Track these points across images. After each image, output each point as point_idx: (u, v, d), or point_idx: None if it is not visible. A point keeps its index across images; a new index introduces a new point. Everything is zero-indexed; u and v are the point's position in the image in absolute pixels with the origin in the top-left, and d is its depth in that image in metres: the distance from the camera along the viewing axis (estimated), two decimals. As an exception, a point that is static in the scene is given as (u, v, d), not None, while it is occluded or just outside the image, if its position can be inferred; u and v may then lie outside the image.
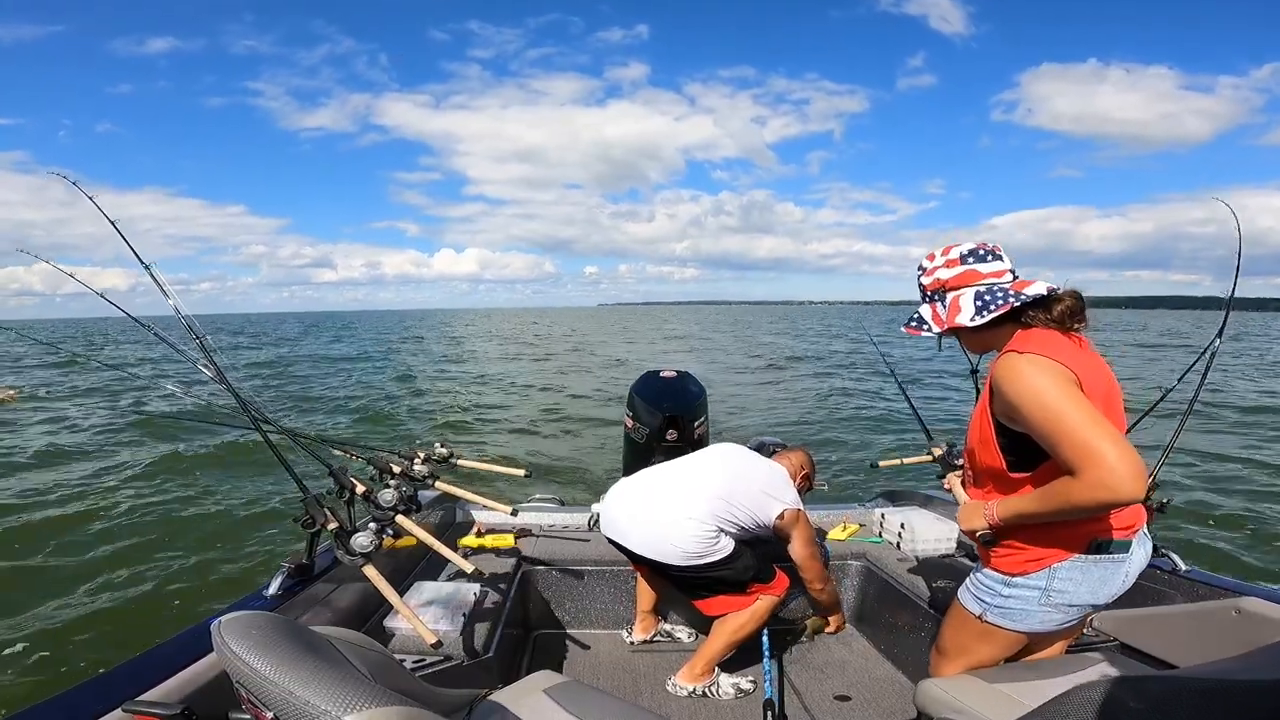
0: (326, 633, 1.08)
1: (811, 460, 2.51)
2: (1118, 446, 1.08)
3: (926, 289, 1.40)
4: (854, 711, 2.10)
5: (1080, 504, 1.14)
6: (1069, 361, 1.20)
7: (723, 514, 2.06)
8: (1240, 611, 1.56)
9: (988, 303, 1.28)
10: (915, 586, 2.34)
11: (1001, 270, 1.32)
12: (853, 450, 8.48)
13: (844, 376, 16.11)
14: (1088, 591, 1.30)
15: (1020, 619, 1.35)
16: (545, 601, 2.57)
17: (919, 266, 1.42)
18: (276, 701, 0.81)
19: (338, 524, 1.69)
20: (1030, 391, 1.17)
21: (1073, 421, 1.12)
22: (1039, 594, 1.31)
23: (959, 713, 1.28)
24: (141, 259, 1.85)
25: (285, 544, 4.88)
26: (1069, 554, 1.28)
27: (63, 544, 5.01)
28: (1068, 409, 1.13)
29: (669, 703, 2.11)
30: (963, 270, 1.33)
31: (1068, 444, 1.12)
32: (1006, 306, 1.26)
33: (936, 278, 1.37)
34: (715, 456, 2.29)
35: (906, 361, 17.47)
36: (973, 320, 1.29)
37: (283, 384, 16.17)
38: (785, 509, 2.15)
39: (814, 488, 2.52)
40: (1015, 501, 1.28)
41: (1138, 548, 1.33)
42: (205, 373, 1.95)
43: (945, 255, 1.36)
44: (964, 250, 1.34)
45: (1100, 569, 1.29)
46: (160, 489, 6.56)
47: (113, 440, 8.59)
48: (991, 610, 1.37)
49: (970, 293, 1.31)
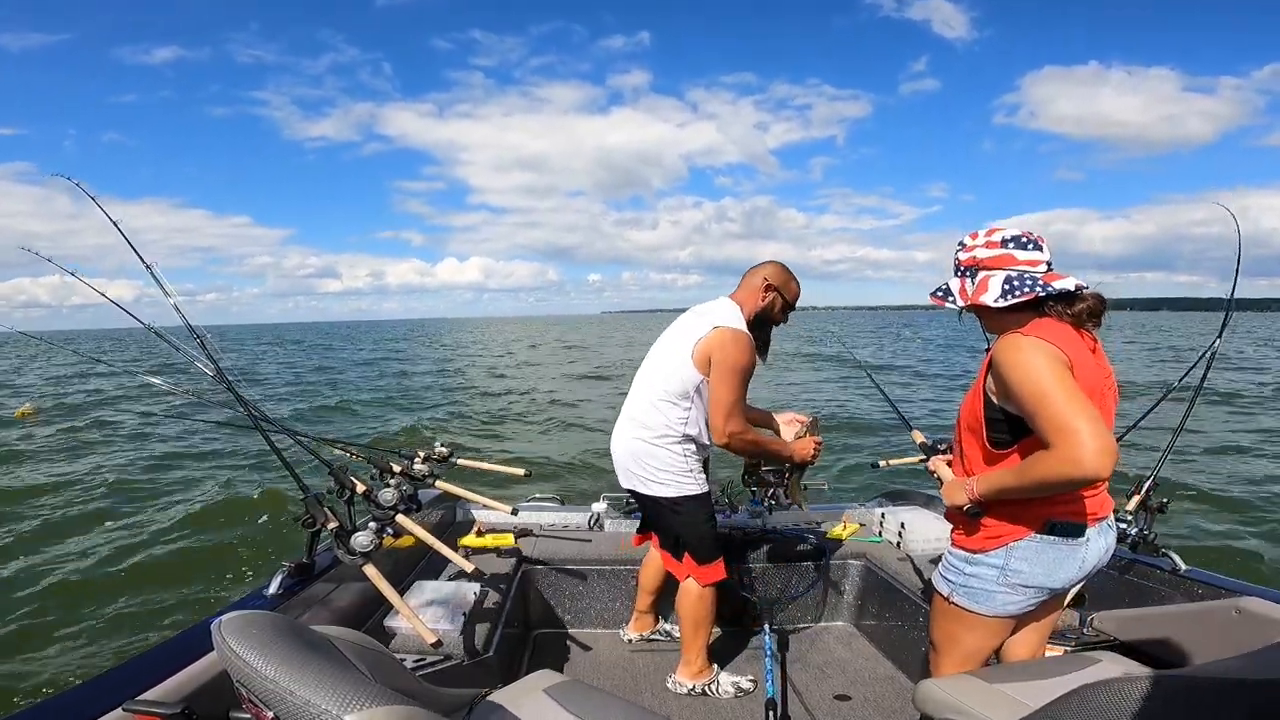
0: (326, 632, 1.08)
1: (784, 271, 2.08)
2: (1092, 424, 1.12)
3: (961, 264, 1.44)
4: (854, 711, 2.10)
5: (1050, 478, 1.19)
6: (1068, 350, 1.25)
7: (659, 388, 2.00)
8: (1240, 611, 1.56)
9: (1015, 287, 1.32)
10: (915, 586, 2.34)
11: (1037, 260, 1.36)
12: (853, 450, 8.48)
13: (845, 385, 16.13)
14: (1042, 573, 1.34)
15: (983, 600, 1.39)
16: (545, 601, 2.57)
17: (959, 242, 1.46)
18: (277, 701, 0.81)
19: (338, 523, 1.69)
20: (1023, 367, 1.22)
21: (1055, 398, 1.17)
22: (997, 573, 1.36)
23: (959, 713, 1.28)
24: (143, 258, 1.85)
25: (285, 544, 4.88)
26: (1026, 532, 1.33)
27: (62, 544, 5.02)
28: (1053, 387, 1.18)
29: (669, 702, 2.11)
30: (1001, 253, 1.37)
31: (1046, 418, 1.17)
32: (1031, 295, 1.31)
33: (973, 255, 1.41)
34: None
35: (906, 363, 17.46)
36: (996, 301, 1.34)
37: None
38: (708, 328, 1.93)
39: (792, 305, 2.11)
40: (994, 476, 1.33)
41: (1098, 537, 1.37)
42: (206, 373, 1.95)
43: (988, 236, 1.40)
44: (1007, 235, 1.38)
45: (1055, 550, 1.34)
46: (160, 488, 6.57)
47: (113, 440, 8.59)
48: (958, 590, 1.43)
49: (1001, 275, 1.36)
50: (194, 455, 7.79)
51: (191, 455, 7.80)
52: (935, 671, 1.52)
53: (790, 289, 2.06)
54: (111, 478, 6.88)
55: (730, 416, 1.92)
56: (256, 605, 1.56)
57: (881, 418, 10.26)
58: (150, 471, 7.15)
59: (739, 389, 1.92)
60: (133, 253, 1.84)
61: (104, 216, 1.81)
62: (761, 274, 2.04)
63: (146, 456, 7.73)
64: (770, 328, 2.10)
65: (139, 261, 1.84)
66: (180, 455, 7.77)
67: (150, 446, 8.25)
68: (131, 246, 1.84)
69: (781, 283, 2.03)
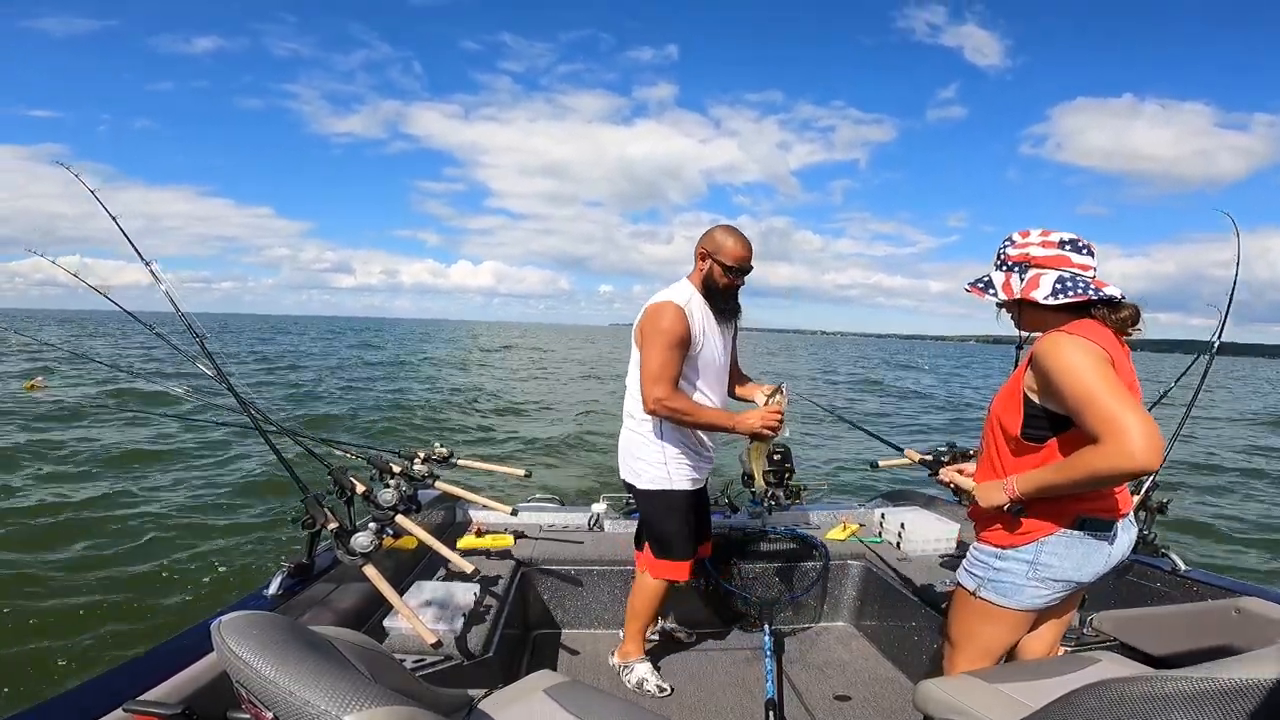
0: (326, 633, 1.08)
1: (716, 235, 1.98)
2: (1141, 418, 1.16)
3: (1010, 259, 1.45)
4: (854, 711, 2.10)
5: (1101, 472, 1.21)
6: (1110, 349, 1.29)
7: (632, 374, 2.03)
8: (1240, 611, 1.57)
9: (1067, 287, 1.36)
10: (915, 586, 2.34)
11: (1089, 265, 1.40)
12: (853, 451, 8.48)
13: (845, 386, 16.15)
14: (1072, 567, 1.37)
15: (1011, 594, 1.41)
16: (545, 601, 2.57)
17: (1007, 239, 1.47)
18: (276, 701, 0.81)
19: (338, 524, 1.69)
20: (1069, 364, 1.25)
21: (1103, 394, 1.20)
22: (1027, 567, 1.38)
23: (959, 713, 1.28)
24: (143, 256, 1.86)
25: (285, 544, 4.88)
26: (1056, 528, 1.36)
27: (62, 544, 5.01)
28: (1099, 384, 1.21)
29: (669, 702, 2.12)
30: (1057, 254, 1.40)
31: (1094, 412, 1.20)
32: (1083, 297, 1.35)
33: (1026, 252, 1.42)
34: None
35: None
36: (1047, 299, 1.37)
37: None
38: (648, 305, 1.98)
39: (736, 266, 1.97)
40: (1035, 474, 1.35)
41: (1122, 532, 1.41)
42: (206, 372, 1.95)
43: (1044, 235, 1.42)
44: (1064, 237, 1.41)
45: (1085, 545, 1.36)
46: (160, 488, 6.56)
47: (113, 440, 8.58)
48: (985, 585, 1.44)
49: (1054, 274, 1.38)
50: (194, 455, 7.78)
51: (191, 455, 7.79)
52: (950, 668, 1.53)
53: (726, 250, 1.96)
54: (111, 478, 6.87)
55: (655, 382, 1.90)
56: (256, 605, 1.56)
57: (882, 418, 10.27)
58: (150, 471, 7.14)
59: (661, 354, 1.90)
60: (141, 245, 1.85)
61: (103, 208, 1.81)
62: (699, 244, 2.03)
63: (146, 456, 7.72)
64: (724, 295, 2.02)
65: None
66: (180, 455, 7.77)
67: (150, 446, 8.24)
68: (132, 244, 1.84)
69: (714, 248, 1.98)
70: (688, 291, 2.00)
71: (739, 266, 1.98)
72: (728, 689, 2.20)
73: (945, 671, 1.54)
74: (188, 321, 1.90)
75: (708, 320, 2.01)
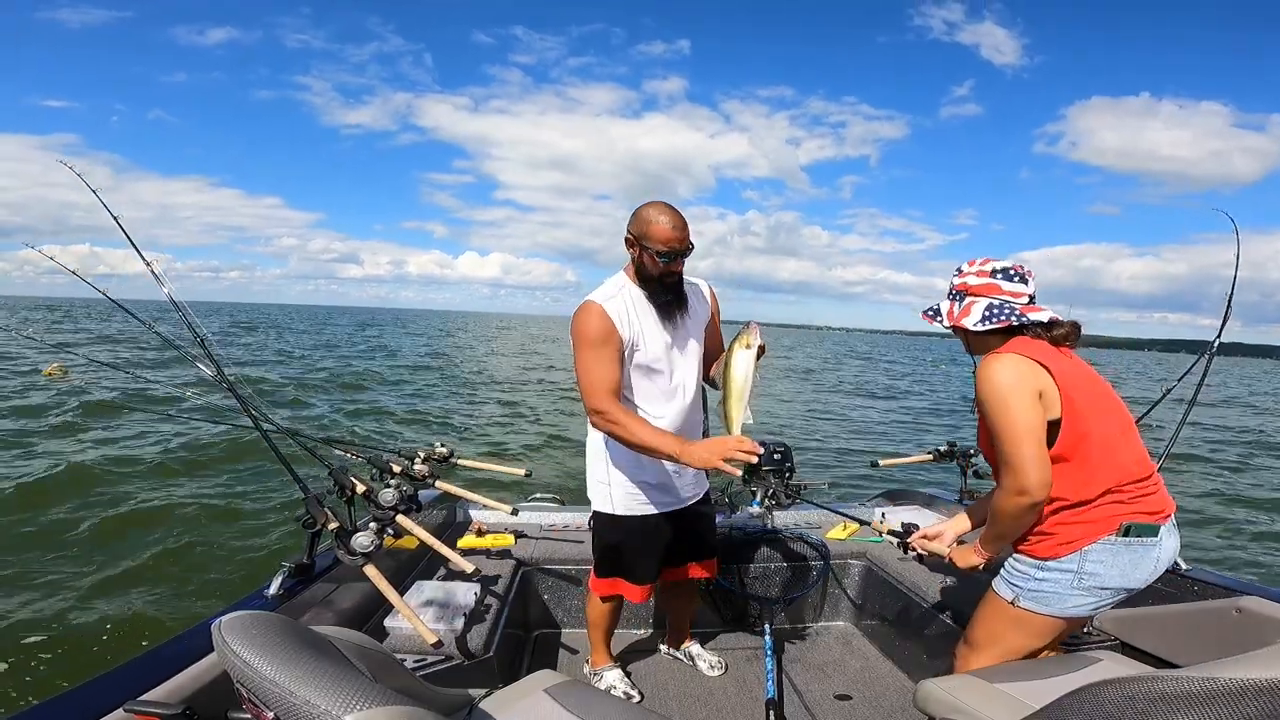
0: (327, 632, 1.08)
1: (640, 216, 1.71)
2: (1033, 452, 1.30)
3: (955, 288, 1.56)
4: (854, 711, 2.10)
5: (1004, 510, 1.36)
6: (1047, 361, 1.36)
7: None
8: (1241, 611, 1.57)
9: (994, 314, 1.47)
10: (916, 586, 2.34)
11: (1020, 293, 1.48)
12: (852, 451, 8.48)
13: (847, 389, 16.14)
14: (1119, 574, 1.37)
15: (1053, 602, 1.40)
16: (545, 601, 2.57)
17: (957, 269, 1.58)
18: (277, 701, 0.80)
19: (338, 524, 1.69)
20: (993, 392, 1.36)
21: (1005, 431, 1.32)
22: (1072, 576, 1.38)
23: (960, 713, 1.28)
24: (143, 255, 1.86)
25: (286, 544, 4.88)
26: (1099, 536, 1.36)
27: (62, 544, 5.01)
28: (1005, 418, 1.33)
29: (669, 703, 2.11)
30: (988, 282, 1.50)
31: (998, 449, 1.35)
32: (1006, 323, 1.45)
33: (965, 281, 1.53)
34: None
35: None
36: (975, 325, 1.48)
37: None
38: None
39: (666, 250, 1.68)
40: (985, 531, 1.49)
41: (1167, 536, 1.40)
42: (206, 372, 1.95)
43: (981, 265, 1.53)
44: (997, 266, 1.51)
45: (1131, 552, 1.36)
46: (159, 488, 6.55)
47: (112, 440, 8.58)
48: (1025, 595, 1.44)
49: (984, 302, 1.49)
50: (193, 454, 7.78)
51: (191, 454, 7.78)
52: (963, 667, 1.53)
53: (651, 232, 1.68)
54: (110, 478, 6.87)
55: (586, 393, 1.67)
56: (256, 605, 1.56)
57: (881, 419, 10.27)
58: (149, 470, 7.14)
59: (585, 362, 1.68)
60: (144, 241, 1.86)
61: (104, 206, 1.82)
62: (627, 226, 1.74)
63: (146, 455, 7.72)
64: (662, 282, 1.74)
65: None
66: (180, 454, 7.76)
67: (149, 445, 8.24)
68: (132, 243, 1.85)
69: (639, 231, 1.70)
70: (616, 286, 1.76)
71: (669, 250, 1.67)
72: (728, 688, 2.20)
73: (957, 670, 1.54)
74: (188, 321, 1.90)
75: (644, 317, 1.75)
